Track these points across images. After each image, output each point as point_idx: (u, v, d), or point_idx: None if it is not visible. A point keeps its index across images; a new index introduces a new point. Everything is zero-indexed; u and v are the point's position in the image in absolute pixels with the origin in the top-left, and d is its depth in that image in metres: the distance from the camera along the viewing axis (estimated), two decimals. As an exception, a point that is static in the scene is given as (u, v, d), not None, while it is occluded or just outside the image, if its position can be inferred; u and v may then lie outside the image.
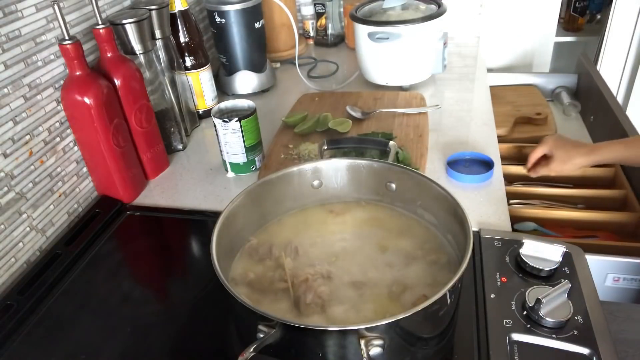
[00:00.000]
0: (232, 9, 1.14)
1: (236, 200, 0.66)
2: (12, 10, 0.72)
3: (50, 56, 0.80)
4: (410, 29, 1.11)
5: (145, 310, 0.71)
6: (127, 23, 0.88)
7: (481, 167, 0.90)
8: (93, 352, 0.64)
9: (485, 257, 0.70)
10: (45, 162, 0.80)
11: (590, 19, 2.00)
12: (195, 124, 1.14)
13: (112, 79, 0.84)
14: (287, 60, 1.44)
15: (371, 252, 0.67)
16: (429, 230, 0.70)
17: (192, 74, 1.11)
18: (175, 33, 1.06)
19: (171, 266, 0.81)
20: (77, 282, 0.75)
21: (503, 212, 0.80)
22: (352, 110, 1.08)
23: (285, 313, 0.59)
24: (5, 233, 0.73)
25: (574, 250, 0.69)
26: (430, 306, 0.49)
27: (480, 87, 1.23)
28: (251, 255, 0.68)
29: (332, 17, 1.51)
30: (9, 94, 0.73)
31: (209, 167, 1.00)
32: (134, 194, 0.91)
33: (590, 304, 0.61)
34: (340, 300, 0.60)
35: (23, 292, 0.72)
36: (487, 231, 0.74)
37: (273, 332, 0.50)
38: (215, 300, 0.69)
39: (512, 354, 0.57)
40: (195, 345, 0.64)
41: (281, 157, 0.96)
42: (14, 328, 0.67)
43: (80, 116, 0.80)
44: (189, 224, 0.87)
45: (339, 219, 0.74)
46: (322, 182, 0.75)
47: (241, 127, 0.89)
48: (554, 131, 1.26)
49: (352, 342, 0.49)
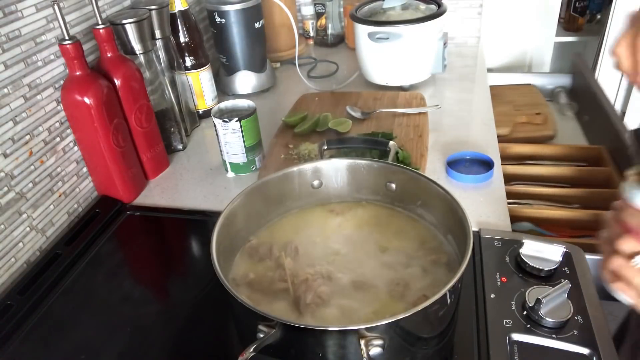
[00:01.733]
0: (232, 9, 1.14)
1: (236, 200, 0.66)
2: (12, 10, 0.72)
3: (50, 56, 0.80)
4: (410, 29, 1.11)
5: (145, 310, 0.71)
6: (127, 23, 0.88)
7: (481, 167, 0.90)
8: (93, 352, 0.64)
9: (485, 257, 0.70)
10: (45, 162, 0.80)
11: (590, 19, 2.00)
12: (195, 124, 1.14)
13: (112, 79, 0.84)
14: (287, 60, 1.44)
15: (371, 252, 0.67)
16: (429, 230, 0.70)
17: (192, 74, 1.11)
18: (175, 33, 1.06)
19: (171, 266, 0.81)
20: (77, 282, 0.75)
21: (503, 212, 0.80)
22: (352, 110, 1.08)
23: (285, 313, 0.59)
24: (5, 233, 0.73)
25: (574, 250, 0.69)
26: (430, 306, 0.49)
27: (480, 87, 1.23)
28: (251, 255, 0.68)
29: (332, 17, 1.51)
30: (9, 94, 0.73)
31: (209, 167, 1.00)
32: (134, 194, 0.91)
33: (590, 304, 0.61)
34: (341, 300, 0.60)
35: (23, 292, 0.72)
36: (487, 231, 0.74)
37: (273, 332, 0.50)
38: (215, 300, 0.69)
39: (512, 354, 0.57)
40: (195, 345, 0.64)
41: (281, 157, 0.96)
42: (14, 328, 0.67)
43: (80, 116, 0.80)
44: (189, 224, 0.87)
45: (339, 219, 0.74)
46: (322, 182, 0.74)
47: (241, 127, 0.89)
48: (553, 131, 1.26)
49: (352, 342, 0.49)
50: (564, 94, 1.45)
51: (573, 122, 1.36)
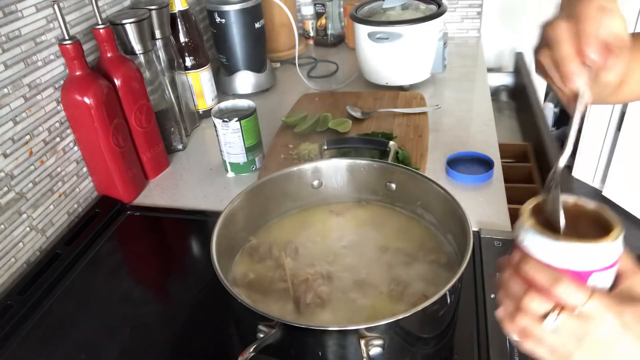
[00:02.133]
0: (232, 9, 1.14)
1: (236, 200, 0.66)
2: (12, 10, 0.72)
3: (50, 56, 0.80)
4: (410, 29, 1.11)
5: (145, 310, 0.71)
6: (127, 23, 0.88)
7: (481, 167, 0.90)
8: (93, 352, 0.64)
9: (485, 257, 0.70)
10: (45, 162, 0.80)
11: (590, 19, 2.00)
12: (195, 124, 1.14)
13: (112, 79, 0.84)
14: (287, 60, 1.44)
15: (371, 252, 0.67)
16: (429, 230, 0.70)
17: (192, 74, 1.11)
18: (175, 33, 1.06)
19: (171, 266, 0.81)
20: (77, 282, 0.75)
21: (503, 212, 0.80)
22: (352, 110, 1.08)
23: (285, 313, 0.59)
24: (5, 233, 0.73)
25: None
26: (430, 306, 0.49)
27: (480, 87, 1.23)
28: (251, 255, 0.68)
29: (332, 17, 1.51)
30: (9, 94, 0.73)
31: (209, 167, 1.00)
32: (134, 194, 0.91)
33: (590, 304, 0.61)
34: (341, 300, 0.60)
35: (23, 292, 0.72)
36: (487, 231, 0.74)
37: (273, 332, 0.50)
38: (215, 300, 0.68)
39: (512, 354, 0.57)
40: (195, 345, 0.64)
41: (281, 157, 0.96)
42: (14, 328, 0.67)
43: (80, 116, 0.80)
44: (189, 224, 0.87)
45: (339, 219, 0.74)
46: (322, 182, 0.74)
47: (241, 127, 0.89)
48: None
49: (352, 342, 0.49)
50: (505, 93, 1.50)
51: (511, 120, 1.40)
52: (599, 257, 0.38)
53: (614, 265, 0.39)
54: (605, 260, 0.39)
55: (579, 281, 0.38)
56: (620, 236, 0.39)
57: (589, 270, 0.38)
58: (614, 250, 0.39)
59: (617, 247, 0.39)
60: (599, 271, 0.39)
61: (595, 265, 0.38)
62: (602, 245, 0.38)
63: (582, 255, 0.38)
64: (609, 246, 0.38)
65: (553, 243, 0.38)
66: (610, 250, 0.38)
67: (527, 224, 0.40)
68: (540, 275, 0.38)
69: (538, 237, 0.39)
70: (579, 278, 0.38)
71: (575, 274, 0.38)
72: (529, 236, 0.40)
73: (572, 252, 0.38)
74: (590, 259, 0.38)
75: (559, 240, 0.38)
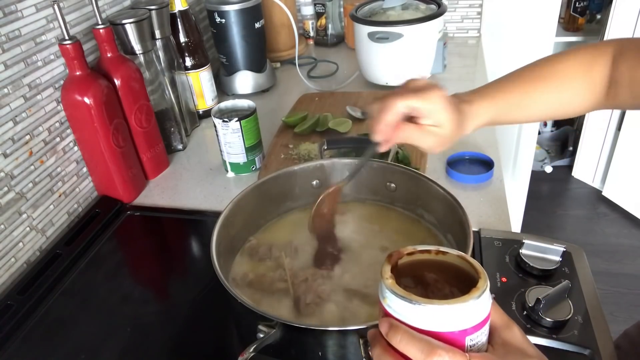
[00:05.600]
0: (232, 9, 1.14)
1: (236, 200, 0.66)
2: (12, 10, 0.72)
3: (50, 56, 0.80)
4: (410, 29, 1.11)
5: (145, 310, 0.71)
6: (127, 23, 0.88)
7: (481, 167, 0.90)
8: (93, 352, 0.64)
9: (485, 257, 0.70)
10: (45, 162, 0.80)
11: (590, 19, 2.00)
12: (195, 124, 1.14)
13: (112, 79, 0.84)
14: (287, 60, 1.44)
15: (371, 251, 0.67)
16: (429, 230, 0.70)
17: (192, 74, 1.11)
18: (175, 33, 1.06)
19: (171, 266, 0.81)
20: (77, 282, 0.75)
21: (503, 212, 0.80)
22: (352, 110, 1.08)
23: (285, 313, 0.59)
24: (5, 233, 0.73)
25: (574, 250, 0.69)
26: (430, 306, 0.49)
27: (480, 87, 1.23)
28: (251, 255, 0.68)
29: (332, 17, 1.51)
30: (9, 94, 0.73)
31: (209, 167, 1.00)
32: (134, 194, 0.91)
33: (590, 304, 0.61)
34: (341, 300, 0.60)
35: (23, 292, 0.72)
36: (487, 231, 0.74)
37: (273, 332, 0.50)
38: (215, 300, 0.69)
39: (512, 354, 0.56)
40: (195, 345, 0.64)
41: (281, 157, 0.96)
42: (14, 328, 0.67)
43: (80, 116, 0.80)
44: (189, 224, 0.87)
45: (339, 218, 0.74)
46: (322, 182, 0.74)
47: (241, 127, 0.89)
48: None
49: (352, 342, 0.49)
50: None
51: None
52: (466, 315, 0.35)
53: (487, 320, 0.36)
54: (476, 317, 0.35)
55: (456, 343, 0.35)
56: (486, 289, 0.35)
57: (462, 329, 0.35)
58: (482, 305, 0.35)
59: (484, 301, 0.35)
60: (473, 329, 0.35)
61: (466, 324, 0.35)
62: (466, 304, 0.34)
63: (449, 316, 0.34)
64: (475, 303, 0.34)
65: (415, 307, 0.34)
66: (478, 307, 0.35)
67: (386, 283, 0.36)
68: (412, 349, 0.34)
69: (399, 301, 0.35)
70: (454, 340, 0.35)
71: (450, 336, 0.35)
72: (391, 299, 0.35)
73: (436, 314, 0.34)
74: (457, 319, 0.34)
75: (420, 303, 0.34)
